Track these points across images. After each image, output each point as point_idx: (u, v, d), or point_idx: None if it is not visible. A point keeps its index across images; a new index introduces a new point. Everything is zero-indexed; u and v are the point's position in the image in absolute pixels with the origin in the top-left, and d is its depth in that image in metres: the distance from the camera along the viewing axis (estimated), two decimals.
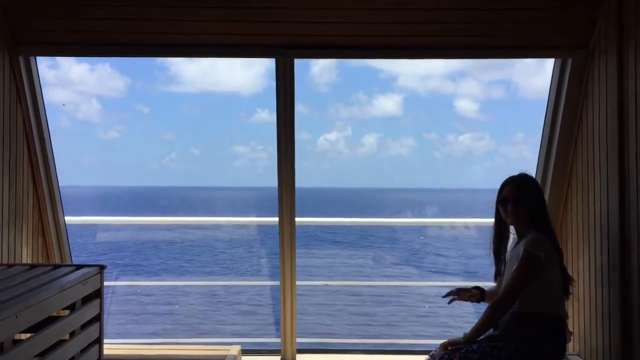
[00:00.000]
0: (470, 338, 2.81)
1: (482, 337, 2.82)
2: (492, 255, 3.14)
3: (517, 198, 2.89)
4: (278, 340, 4.01)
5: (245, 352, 3.80)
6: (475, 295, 3.05)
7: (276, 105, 3.60)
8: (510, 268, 2.84)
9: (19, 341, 2.16)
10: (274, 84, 3.56)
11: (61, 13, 3.29)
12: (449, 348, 2.81)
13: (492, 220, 3.01)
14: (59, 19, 3.30)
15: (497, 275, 3.05)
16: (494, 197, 2.97)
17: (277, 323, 4.85)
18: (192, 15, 3.28)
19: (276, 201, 3.76)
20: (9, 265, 2.93)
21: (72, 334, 2.62)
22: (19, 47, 3.32)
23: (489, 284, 3.15)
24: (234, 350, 3.45)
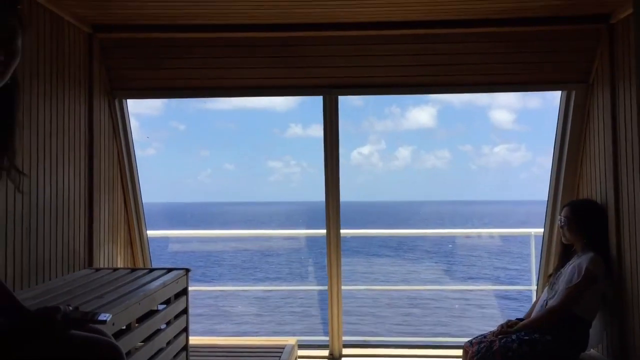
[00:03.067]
0: (521, 329, 3.38)
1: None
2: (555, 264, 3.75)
3: (569, 222, 3.54)
4: (327, 338, 4.61)
5: (299, 347, 4.42)
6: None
7: (323, 134, 4.26)
8: (570, 277, 3.42)
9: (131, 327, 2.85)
10: (307, 99, 4.23)
11: (147, 64, 4.05)
12: (498, 334, 3.39)
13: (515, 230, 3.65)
14: (146, 69, 4.07)
15: (550, 283, 3.61)
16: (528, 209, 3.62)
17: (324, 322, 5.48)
18: (255, 64, 4.01)
19: (312, 215, 4.42)
20: (114, 269, 3.66)
21: (168, 323, 3.31)
22: (115, 92, 4.08)
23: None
24: (292, 341, 4.10)
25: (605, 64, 3.67)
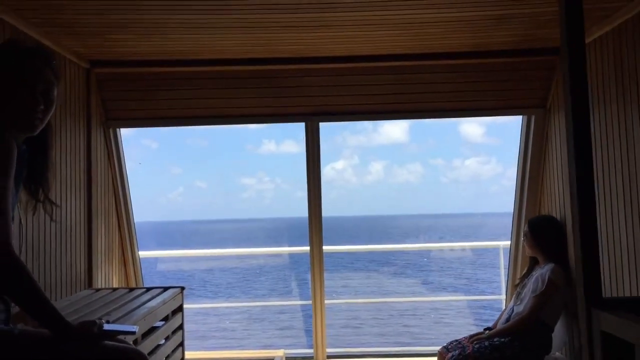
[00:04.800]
0: (492, 336, 3.69)
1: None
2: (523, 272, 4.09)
3: (527, 237, 3.89)
4: (311, 350, 4.86)
5: (286, 359, 4.66)
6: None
7: (306, 157, 4.58)
8: (535, 286, 3.74)
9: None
10: None
11: (140, 96, 4.34)
12: (472, 339, 3.71)
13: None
14: (138, 100, 4.36)
15: (516, 292, 3.95)
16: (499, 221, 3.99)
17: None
18: (241, 94, 4.33)
19: (283, 232, 4.69)
20: (114, 289, 3.89)
21: (167, 338, 3.55)
22: (109, 122, 4.35)
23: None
24: (280, 353, 4.36)
25: (561, 91, 4.07)
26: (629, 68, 3.25)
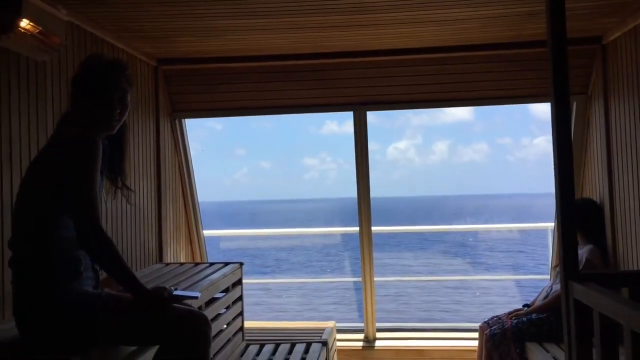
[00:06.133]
0: (530, 312, 3.94)
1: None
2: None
3: None
4: (362, 324, 5.20)
5: (337, 331, 5.02)
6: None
7: (354, 143, 4.89)
8: None
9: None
10: None
11: (203, 89, 4.77)
12: (511, 315, 3.97)
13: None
14: (201, 93, 4.79)
15: (555, 272, 4.17)
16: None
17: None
18: (294, 86, 4.68)
19: (343, 212, 4.99)
20: (181, 264, 4.36)
21: (227, 308, 3.97)
22: (176, 114, 4.80)
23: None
24: (330, 324, 4.73)
25: (601, 78, 4.19)
26: None
